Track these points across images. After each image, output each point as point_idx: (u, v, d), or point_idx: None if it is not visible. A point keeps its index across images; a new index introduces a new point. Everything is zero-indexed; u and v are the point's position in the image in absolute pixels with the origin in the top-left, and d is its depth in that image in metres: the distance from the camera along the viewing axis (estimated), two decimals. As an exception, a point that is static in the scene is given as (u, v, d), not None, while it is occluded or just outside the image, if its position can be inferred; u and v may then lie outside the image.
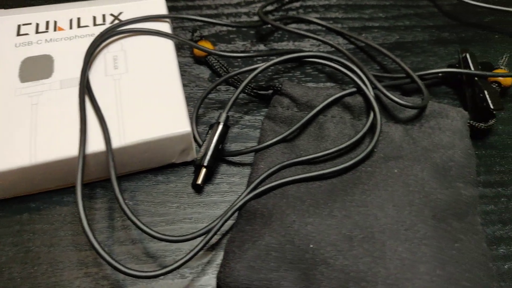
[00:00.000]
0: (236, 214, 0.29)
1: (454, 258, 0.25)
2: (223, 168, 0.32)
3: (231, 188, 0.31)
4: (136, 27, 0.34)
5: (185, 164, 0.32)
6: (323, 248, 0.25)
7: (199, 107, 0.33)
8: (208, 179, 0.31)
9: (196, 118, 0.33)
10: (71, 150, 0.28)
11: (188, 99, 0.36)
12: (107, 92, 0.31)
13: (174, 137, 0.29)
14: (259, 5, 0.43)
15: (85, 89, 0.30)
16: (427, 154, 0.30)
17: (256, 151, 0.31)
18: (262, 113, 0.35)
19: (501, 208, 0.31)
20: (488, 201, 0.31)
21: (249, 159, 0.33)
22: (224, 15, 0.42)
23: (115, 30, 0.33)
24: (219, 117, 0.31)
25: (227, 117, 0.31)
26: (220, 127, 0.30)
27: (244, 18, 0.42)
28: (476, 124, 0.33)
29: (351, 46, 0.40)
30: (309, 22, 0.42)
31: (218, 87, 0.37)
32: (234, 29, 0.41)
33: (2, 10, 0.37)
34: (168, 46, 0.34)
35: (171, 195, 0.31)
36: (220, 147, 0.30)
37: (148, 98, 0.31)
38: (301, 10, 0.43)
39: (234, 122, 0.35)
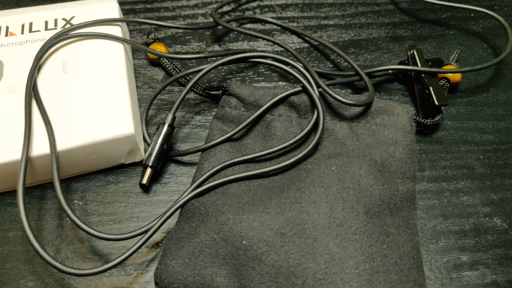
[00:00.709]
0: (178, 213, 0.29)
1: (383, 252, 0.26)
2: (171, 168, 0.33)
3: (178, 187, 0.32)
4: (85, 32, 0.34)
5: (135, 164, 0.33)
6: (255, 244, 0.26)
7: (148, 108, 0.34)
8: (155, 178, 0.32)
9: (146, 119, 0.34)
10: (16, 154, 0.29)
11: (142, 100, 0.36)
12: (54, 96, 0.31)
13: (119, 139, 0.30)
14: (215, 6, 0.44)
15: (32, 92, 0.31)
16: (369, 151, 0.31)
17: (202, 150, 0.32)
18: (213, 113, 0.36)
19: (443, 202, 0.32)
20: (431, 196, 0.32)
21: (197, 158, 0.33)
22: (181, 16, 0.43)
23: (65, 35, 0.34)
24: (165, 118, 0.32)
25: (174, 117, 0.32)
26: (165, 128, 0.31)
27: (201, 19, 0.43)
28: (423, 120, 0.34)
29: (306, 45, 0.41)
30: (265, 22, 0.42)
31: (171, 88, 0.37)
32: (189, 30, 0.41)
33: None
34: (118, 50, 0.34)
35: (120, 195, 0.32)
36: (165, 147, 0.31)
37: (95, 101, 0.31)
38: (257, 10, 0.44)
39: (185, 123, 0.35)
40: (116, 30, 0.35)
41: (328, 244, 0.26)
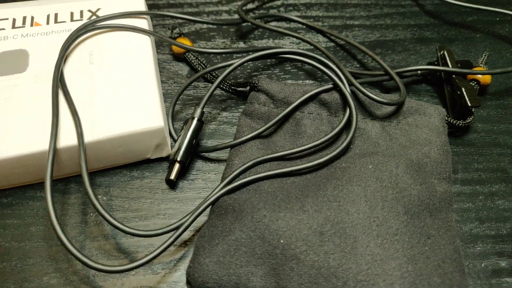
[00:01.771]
0: (209, 210, 0.28)
1: (425, 254, 0.25)
2: (199, 164, 0.32)
3: (206, 184, 0.31)
4: (113, 23, 0.33)
5: (161, 160, 0.32)
6: (293, 243, 0.25)
7: (175, 103, 0.33)
8: (182, 174, 0.31)
9: (172, 114, 0.33)
10: (42, 144, 0.28)
11: (167, 95, 0.36)
12: (81, 87, 0.31)
13: (147, 132, 0.29)
14: (240, 3, 0.43)
15: (59, 83, 0.30)
16: (403, 151, 0.30)
17: (231, 147, 0.31)
18: (240, 109, 0.35)
19: (478, 205, 0.31)
20: (465, 199, 0.31)
21: (225, 155, 0.32)
22: (205, 13, 0.42)
23: (91, 26, 0.33)
24: (193, 112, 0.31)
25: (202, 112, 0.31)
26: (194, 122, 0.30)
27: (224, 16, 0.42)
28: (455, 122, 0.33)
29: (332, 44, 0.40)
30: (290, 20, 0.42)
31: (196, 83, 0.36)
32: (214, 26, 0.41)
33: None
34: (144, 42, 0.33)
35: (145, 190, 0.31)
36: (194, 142, 0.30)
37: (123, 93, 0.30)
38: (282, 9, 0.43)
39: (211, 119, 0.34)
40: (142, 23, 0.35)
41: (369, 245, 0.25)
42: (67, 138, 0.28)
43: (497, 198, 0.31)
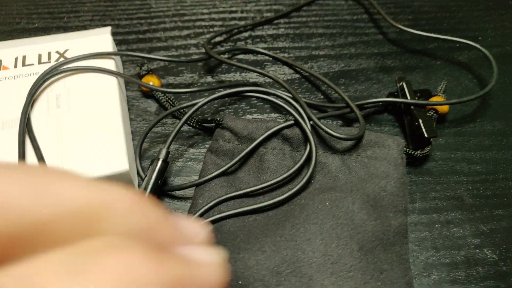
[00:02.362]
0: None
1: None
2: (166, 202, 0.33)
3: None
4: (78, 66, 0.34)
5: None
6: (251, 284, 0.26)
7: (142, 142, 0.34)
8: None
9: (140, 152, 0.34)
10: None
11: (135, 133, 0.37)
12: (48, 131, 0.31)
13: (112, 176, 0.30)
14: (208, 36, 0.45)
15: (26, 129, 0.31)
16: (361, 185, 0.31)
17: (197, 185, 0.32)
18: (206, 145, 0.36)
19: (434, 234, 0.32)
20: (422, 228, 0.33)
21: (191, 193, 0.33)
22: (173, 47, 0.43)
23: (58, 69, 0.34)
24: (159, 153, 0.32)
25: (168, 152, 0.32)
26: (159, 163, 0.31)
27: (193, 50, 0.43)
28: (413, 152, 0.34)
29: (297, 75, 0.42)
30: (256, 53, 0.43)
31: (164, 120, 0.37)
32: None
33: None
34: (111, 83, 0.34)
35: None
36: (159, 182, 0.31)
37: (88, 137, 0.31)
38: (249, 40, 0.44)
39: (178, 155, 0.36)
40: (109, 63, 0.36)
41: (324, 283, 0.26)
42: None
43: (452, 226, 0.33)
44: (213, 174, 0.32)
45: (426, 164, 0.36)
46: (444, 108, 0.38)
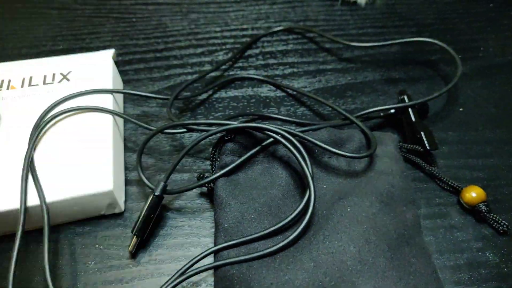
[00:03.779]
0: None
1: (411, 283, 0.28)
2: (169, 203, 0.35)
3: (192, 230, 0.34)
4: (79, 106, 0.37)
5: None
6: None
7: (141, 154, 0.34)
8: (141, 246, 0.33)
9: (140, 162, 0.34)
10: (5, 204, 0.31)
11: (131, 164, 0.39)
12: (45, 157, 0.34)
13: (98, 194, 0.32)
14: (221, 53, 0.47)
15: (29, 168, 0.33)
16: (371, 185, 0.33)
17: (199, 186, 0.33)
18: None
19: (439, 238, 0.34)
20: (427, 232, 0.34)
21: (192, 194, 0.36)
22: (188, 64, 0.46)
23: (58, 112, 0.36)
24: (156, 186, 0.33)
25: (165, 186, 0.33)
26: (153, 198, 0.32)
27: (207, 67, 0.46)
28: (406, 146, 0.37)
29: (285, 94, 0.44)
30: (249, 79, 0.45)
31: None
32: (195, 79, 0.44)
33: None
34: (106, 119, 0.36)
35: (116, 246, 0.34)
36: (152, 217, 0.32)
37: (80, 159, 0.33)
38: (260, 56, 0.47)
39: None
40: (107, 97, 0.38)
41: (366, 287, 0.28)
42: (31, 200, 0.32)
43: (456, 230, 0.34)
44: (218, 174, 0.33)
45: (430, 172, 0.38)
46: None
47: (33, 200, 0.32)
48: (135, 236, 0.32)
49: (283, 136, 0.33)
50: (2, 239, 0.33)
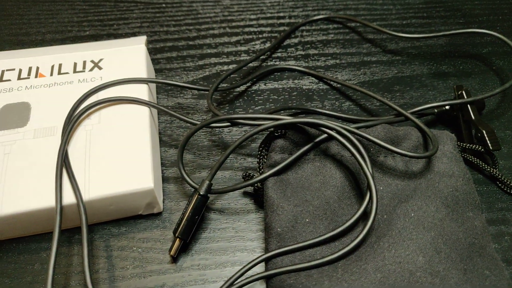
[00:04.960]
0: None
1: None
2: (212, 203, 0.33)
3: (237, 233, 0.32)
4: (114, 97, 0.34)
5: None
6: None
7: (182, 150, 0.31)
8: (183, 250, 0.31)
9: (181, 159, 0.32)
10: (38, 202, 0.29)
11: (167, 159, 0.36)
12: (81, 152, 0.31)
13: (138, 193, 0.30)
14: (258, 42, 0.44)
15: (64, 163, 0.30)
16: (433, 187, 0.30)
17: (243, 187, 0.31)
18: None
19: (504, 246, 0.31)
20: (491, 239, 0.32)
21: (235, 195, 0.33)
22: (224, 54, 0.43)
23: (91, 103, 0.33)
24: (200, 185, 0.30)
25: (210, 185, 0.30)
26: (198, 198, 0.30)
27: (243, 56, 0.43)
28: (466, 145, 0.34)
29: (327, 86, 0.41)
30: (291, 70, 0.42)
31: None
32: (234, 69, 0.41)
33: None
34: (143, 111, 0.34)
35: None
36: (196, 218, 0.30)
37: (117, 154, 0.31)
38: (299, 46, 0.44)
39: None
40: (143, 87, 0.35)
41: None
42: (67, 198, 0.29)
43: (523, 239, 0.32)
44: (268, 173, 0.30)
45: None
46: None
47: (68, 198, 0.29)
48: (177, 239, 0.29)
49: (339, 133, 0.31)
50: (30, 239, 0.31)
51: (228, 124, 0.33)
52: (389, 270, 0.26)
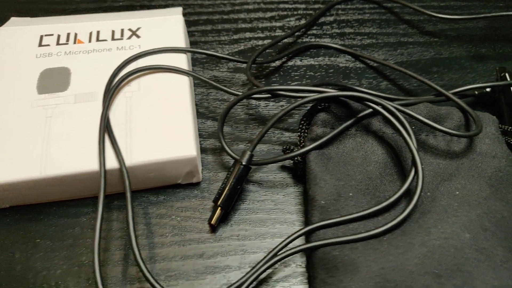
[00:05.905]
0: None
1: None
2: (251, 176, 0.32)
3: (276, 205, 0.31)
4: (153, 65, 0.33)
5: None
6: None
7: (223, 120, 0.31)
8: (223, 220, 0.30)
9: (222, 130, 0.31)
10: (80, 165, 0.28)
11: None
12: (122, 119, 0.31)
13: (180, 160, 0.29)
14: (293, 19, 0.44)
15: (106, 129, 0.30)
16: (476, 167, 0.30)
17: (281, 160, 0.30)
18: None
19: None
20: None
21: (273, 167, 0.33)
22: (258, 29, 0.42)
23: (133, 70, 0.33)
24: (241, 155, 0.30)
25: (251, 156, 0.30)
26: (240, 168, 0.29)
27: (278, 32, 0.42)
28: (509, 128, 0.33)
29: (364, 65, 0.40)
30: (328, 48, 0.42)
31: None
32: (269, 45, 0.41)
33: (28, 19, 0.37)
34: (183, 80, 0.33)
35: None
36: (238, 188, 0.29)
37: (158, 122, 0.31)
38: (335, 25, 0.43)
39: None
40: (181, 56, 0.35)
41: (485, 278, 0.24)
42: (109, 163, 0.29)
43: None
44: (311, 146, 0.30)
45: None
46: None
47: (110, 163, 0.29)
48: (219, 208, 0.29)
49: (384, 108, 0.30)
50: (70, 203, 0.31)
51: (269, 95, 0.32)
52: (434, 245, 0.26)
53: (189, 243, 0.29)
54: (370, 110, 0.31)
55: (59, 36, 0.35)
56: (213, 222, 0.29)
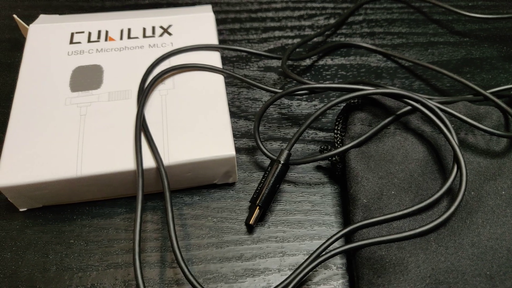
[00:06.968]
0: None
1: None
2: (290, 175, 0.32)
3: (313, 206, 0.31)
4: (188, 63, 0.33)
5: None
6: None
7: (260, 118, 0.31)
8: (260, 219, 0.30)
9: (258, 130, 0.31)
10: (116, 164, 0.28)
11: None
12: (155, 111, 0.30)
13: (219, 160, 0.29)
14: (322, 18, 0.43)
15: (142, 127, 0.29)
16: None
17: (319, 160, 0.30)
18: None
19: None
20: None
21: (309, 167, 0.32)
22: (288, 27, 0.42)
23: (167, 68, 0.32)
24: (279, 154, 0.29)
25: (289, 155, 0.29)
26: (279, 166, 0.29)
27: (307, 31, 0.42)
28: None
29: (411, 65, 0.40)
30: (358, 47, 0.41)
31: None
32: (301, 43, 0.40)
33: (57, 16, 0.37)
34: (218, 78, 0.33)
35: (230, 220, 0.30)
36: (277, 187, 0.29)
37: (195, 120, 0.30)
38: (364, 24, 0.43)
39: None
40: (215, 54, 0.34)
41: None
42: (146, 162, 0.28)
43: None
44: (350, 145, 0.29)
45: None
46: None
47: (147, 162, 0.28)
48: (257, 208, 0.28)
49: (424, 105, 0.29)
50: (103, 204, 0.30)
51: (306, 92, 0.31)
52: (485, 246, 0.25)
53: (226, 245, 0.28)
54: (409, 107, 0.30)
55: (90, 34, 0.35)
56: (251, 222, 0.28)
